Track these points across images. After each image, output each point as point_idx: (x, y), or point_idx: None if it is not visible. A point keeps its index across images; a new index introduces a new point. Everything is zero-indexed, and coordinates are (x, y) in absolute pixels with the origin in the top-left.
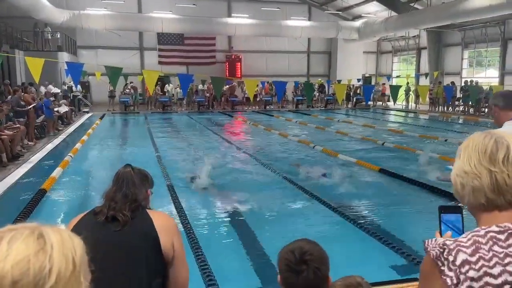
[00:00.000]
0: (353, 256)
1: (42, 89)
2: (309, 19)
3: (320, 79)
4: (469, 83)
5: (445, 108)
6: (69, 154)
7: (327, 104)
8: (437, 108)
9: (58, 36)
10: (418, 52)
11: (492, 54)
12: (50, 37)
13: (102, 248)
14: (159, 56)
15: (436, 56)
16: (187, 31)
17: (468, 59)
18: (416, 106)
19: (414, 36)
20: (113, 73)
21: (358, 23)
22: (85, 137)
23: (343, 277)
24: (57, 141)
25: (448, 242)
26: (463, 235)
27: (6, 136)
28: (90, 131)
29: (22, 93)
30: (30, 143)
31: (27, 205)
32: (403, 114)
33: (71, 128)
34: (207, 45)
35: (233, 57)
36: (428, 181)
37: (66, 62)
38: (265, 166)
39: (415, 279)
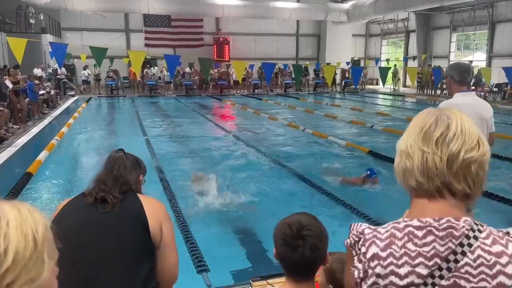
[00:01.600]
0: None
1: (35, 71)
2: (298, 1)
3: (307, 62)
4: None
5: (433, 91)
6: (55, 138)
7: (316, 88)
8: (425, 91)
9: (42, 18)
10: (407, 35)
11: (480, 38)
12: (33, 19)
13: (90, 229)
14: (146, 38)
15: (425, 39)
16: (174, 12)
17: (456, 42)
18: (399, 89)
19: (403, 19)
20: (98, 54)
21: (347, 5)
22: (71, 121)
23: (336, 252)
24: (42, 124)
25: (366, 231)
26: (385, 225)
27: None
28: (76, 114)
29: (5, 76)
30: (15, 126)
31: (13, 189)
32: (391, 97)
33: (56, 112)
34: (194, 27)
35: (221, 39)
36: None
37: (50, 42)
38: (256, 150)
39: None
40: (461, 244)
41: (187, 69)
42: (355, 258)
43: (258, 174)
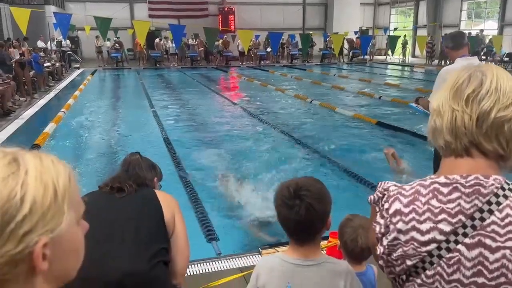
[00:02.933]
0: (351, 207)
1: (39, 43)
2: None
3: (314, 32)
4: (467, 35)
5: (443, 62)
6: (62, 110)
7: (323, 59)
8: (439, 62)
9: None
10: (416, 3)
11: (491, 5)
12: None
13: (105, 213)
14: (150, 9)
15: (435, 7)
16: None
17: (467, 11)
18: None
19: None
20: (103, 24)
21: None
22: (77, 93)
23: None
24: (48, 97)
25: (391, 188)
26: (411, 182)
27: None
28: (82, 86)
29: (10, 49)
30: (22, 99)
31: None
32: (399, 68)
33: (62, 84)
34: None
35: (226, 9)
36: (424, 131)
37: (54, 12)
38: (263, 121)
39: None
40: (489, 202)
41: (190, 40)
42: (378, 214)
43: (265, 145)
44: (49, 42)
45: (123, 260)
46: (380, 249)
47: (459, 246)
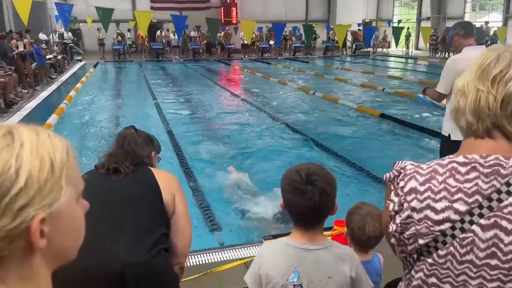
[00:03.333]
0: (353, 197)
1: (41, 36)
2: None
3: (317, 24)
4: None
5: (447, 54)
6: (64, 102)
7: (326, 51)
8: (443, 54)
9: None
10: None
11: None
12: None
13: (104, 195)
14: (151, 1)
15: None
16: None
17: (471, 3)
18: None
19: None
20: (104, 15)
21: None
22: (79, 85)
23: (358, 206)
24: (50, 89)
25: (408, 167)
26: (428, 162)
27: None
28: (84, 79)
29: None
30: (24, 91)
31: None
32: (403, 60)
33: (64, 76)
34: None
35: (228, 1)
36: (429, 125)
37: (55, 3)
38: (265, 113)
39: None
40: (508, 184)
41: (192, 33)
42: (392, 192)
43: (268, 136)
44: (51, 34)
45: (124, 251)
46: (392, 227)
47: (474, 227)
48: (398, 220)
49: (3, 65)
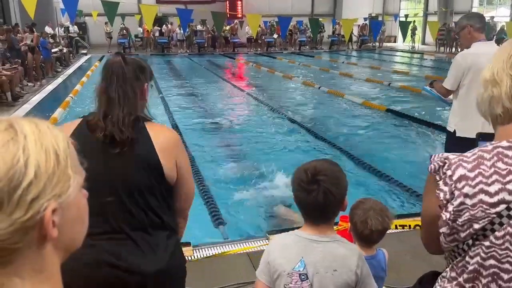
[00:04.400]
0: (357, 192)
1: (47, 29)
2: None
3: (323, 18)
4: None
5: (454, 49)
6: (69, 95)
7: (331, 46)
8: (449, 49)
9: None
10: None
11: None
12: None
13: (102, 178)
14: None
15: None
16: None
17: None
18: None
19: None
20: (110, 9)
21: None
22: (84, 79)
23: (361, 201)
24: (56, 82)
25: (451, 157)
26: (470, 150)
27: (4, 77)
28: (89, 72)
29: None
30: (30, 84)
31: None
32: (409, 55)
33: (69, 70)
34: None
35: None
36: (435, 119)
37: None
38: (269, 108)
39: (417, 214)
40: None
41: (199, 26)
42: (440, 182)
43: (272, 131)
44: (57, 28)
45: (140, 261)
46: (446, 215)
47: None
48: (450, 208)
49: (9, 58)
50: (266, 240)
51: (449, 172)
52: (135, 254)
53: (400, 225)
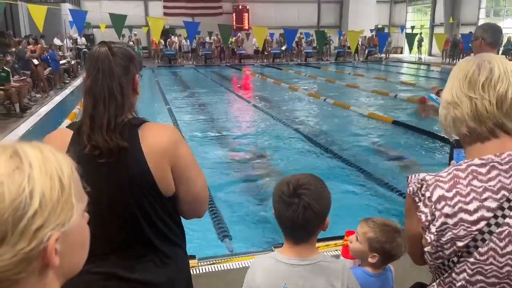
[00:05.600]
0: (363, 206)
1: (56, 41)
2: None
3: (329, 30)
4: None
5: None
6: (77, 107)
7: (337, 57)
8: (455, 60)
9: None
10: (434, 1)
11: (511, 3)
12: None
13: (101, 197)
14: (164, 7)
15: (452, 5)
16: None
17: (485, 8)
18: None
19: None
20: (117, 21)
21: None
22: None
23: (373, 219)
24: (64, 93)
25: (427, 178)
26: (445, 170)
27: (14, 88)
28: None
29: (29, 46)
30: (37, 95)
31: None
32: (415, 66)
33: (77, 81)
34: None
35: (240, 7)
36: (441, 131)
37: (70, 9)
38: (276, 119)
39: None
40: None
41: (207, 38)
42: (420, 203)
43: (277, 142)
44: (65, 40)
45: (150, 273)
46: (430, 237)
47: (508, 220)
48: (433, 229)
49: (17, 70)
50: None
51: (427, 194)
52: (145, 267)
53: None
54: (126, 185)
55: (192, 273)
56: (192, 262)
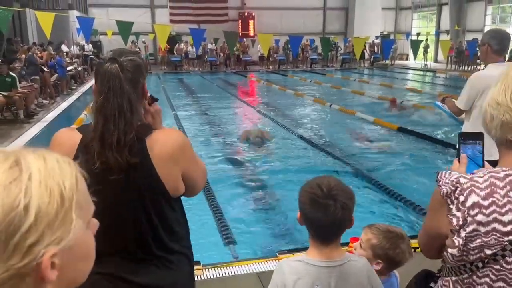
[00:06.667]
0: (368, 213)
1: (64, 48)
2: None
3: (334, 36)
4: None
5: (469, 67)
6: (83, 113)
7: (343, 64)
8: (461, 67)
9: None
10: (439, 8)
11: None
12: None
13: (109, 207)
14: (170, 14)
15: (458, 12)
16: None
17: (491, 15)
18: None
19: None
20: (124, 28)
21: None
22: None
23: (376, 226)
24: (71, 99)
25: (462, 180)
26: (480, 174)
27: (21, 94)
28: None
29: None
30: (45, 101)
31: None
32: (421, 73)
33: (84, 88)
34: (219, 1)
35: (246, 14)
36: (448, 138)
37: (77, 16)
38: (281, 125)
39: None
40: None
41: (210, 45)
42: (453, 207)
43: (283, 149)
44: (72, 47)
45: (155, 277)
46: (458, 241)
47: None
48: (463, 234)
49: (25, 76)
50: (277, 261)
51: (461, 198)
52: (148, 271)
53: (412, 247)
54: (136, 195)
55: (196, 279)
56: (196, 268)
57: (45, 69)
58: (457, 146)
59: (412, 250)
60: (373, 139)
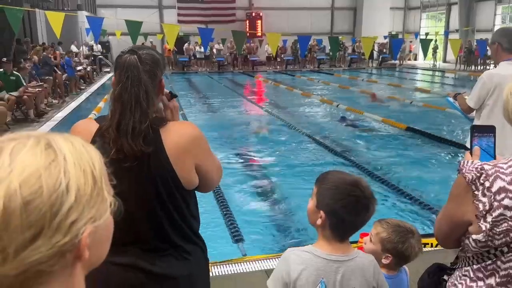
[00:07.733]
0: (377, 211)
1: (73, 48)
2: None
3: (343, 36)
4: None
5: (479, 67)
6: (92, 112)
7: (351, 63)
8: (470, 67)
9: None
10: (448, 8)
11: None
12: None
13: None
14: (178, 14)
15: (467, 12)
16: None
17: (501, 15)
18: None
19: None
20: (133, 28)
21: None
22: (107, 96)
23: (387, 220)
24: (80, 99)
25: (486, 167)
26: (503, 160)
27: (30, 94)
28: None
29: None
30: (54, 101)
31: None
32: (430, 73)
33: (93, 87)
34: (227, 2)
35: (253, 14)
36: (457, 138)
37: (86, 16)
38: (288, 125)
39: None
40: None
41: (217, 45)
42: (478, 193)
43: (290, 148)
44: (81, 47)
45: (173, 266)
46: (485, 225)
47: None
48: (489, 218)
49: (35, 76)
50: None
51: (487, 184)
52: (165, 260)
53: (422, 243)
54: (150, 185)
55: None
56: None
57: (57, 70)
58: (468, 139)
59: (423, 246)
60: (381, 138)
